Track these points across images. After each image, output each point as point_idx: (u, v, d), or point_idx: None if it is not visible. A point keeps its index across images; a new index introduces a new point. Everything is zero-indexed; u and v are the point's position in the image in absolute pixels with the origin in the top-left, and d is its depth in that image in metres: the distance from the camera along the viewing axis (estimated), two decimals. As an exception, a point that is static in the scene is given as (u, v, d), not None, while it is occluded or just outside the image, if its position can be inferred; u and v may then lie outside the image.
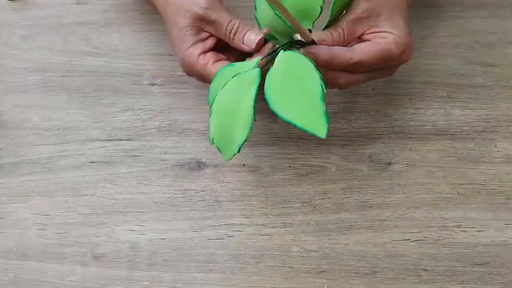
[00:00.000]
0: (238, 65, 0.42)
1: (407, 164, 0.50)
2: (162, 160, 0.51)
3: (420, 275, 0.44)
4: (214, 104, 0.41)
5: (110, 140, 0.52)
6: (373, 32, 0.43)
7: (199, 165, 0.50)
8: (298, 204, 0.48)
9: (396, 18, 0.43)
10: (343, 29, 0.43)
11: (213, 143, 0.42)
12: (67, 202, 0.48)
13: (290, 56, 0.39)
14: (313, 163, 0.50)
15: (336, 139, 0.51)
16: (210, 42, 0.45)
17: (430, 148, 0.51)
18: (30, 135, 0.53)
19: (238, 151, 0.40)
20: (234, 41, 0.43)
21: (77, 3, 0.63)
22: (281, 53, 0.40)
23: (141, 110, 0.54)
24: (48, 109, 0.54)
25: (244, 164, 0.50)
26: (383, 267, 0.44)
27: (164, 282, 0.44)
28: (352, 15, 0.43)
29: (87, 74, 0.57)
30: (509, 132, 0.52)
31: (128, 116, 0.54)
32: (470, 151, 0.51)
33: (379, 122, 0.53)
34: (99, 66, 0.57)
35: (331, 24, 0.44)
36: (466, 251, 0.45)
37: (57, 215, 0.48)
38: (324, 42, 0.42)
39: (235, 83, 0.40)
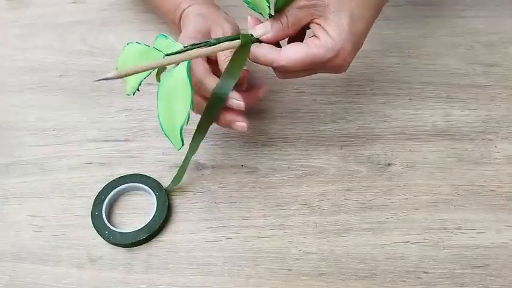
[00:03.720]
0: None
1: (406, 165, 0.49)
2: (159, 161, 0.50)
3: (420, 278, 0.44)
4: (159, 87, 0.41)
5: (107, 141, 0.52)
6: (318, 24, 0.41)
7: (197, 167, 0.50)
8: (297, 205, 0.47)
9: (342, 14, 0.40)
10: (286, 17, 0.42)
11: (162, 130, 0.41)
12: (63, 204, 0.48)
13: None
14: (312, 164, 0.50)
15: (335, 140, 0.51)
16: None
17: (429, 149, 0.50)
18: (26, 135, 0.52)
19: (182, 142, 0.40)
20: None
21: (73, 2, 0.62)
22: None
23: (139, 110, 0.53)
24: (45, 109, 0.54)
25: (242, 165, 0.50)
26: (382, 270, 0.44)
27: (161, 285, 0.43)
28: (299, 3, 0.41)
29: (83, 73, 0.56)
30: (509, 133, 0.51)
31: (125, 117, 0.53)
32: (470, 152, 0.50)
33: (379, 122, 0.52)
34: (96, 65, 0.57)
35: (277, 12, 0.42)
36: (466, 253, 0.45)
37: (53, 216, 0.47)
38: (264, 37, 0.42)
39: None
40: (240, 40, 0.41)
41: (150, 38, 0.58)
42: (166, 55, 0.40)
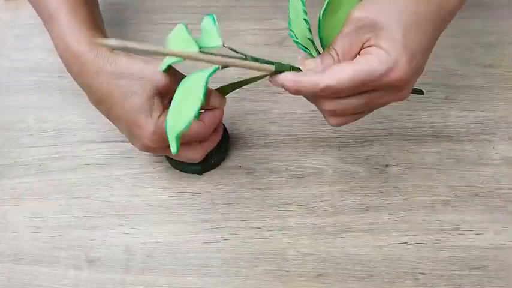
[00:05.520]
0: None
1: (404, 166, 0.49)
2: (157, 162, 0.50)
3: (417, 279, 0.44)
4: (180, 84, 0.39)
5: (105, 142, 0.51)
6: (369, 46, 0.37)
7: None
8: (295, 206, 0.47)
9: (393, 26, 0.36)
10: (335, 50, 0.38)
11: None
12: (61, 205, 0.48)
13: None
14: (310, 165, 0.50)
15: (333, 141, 0.51)
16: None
17: (427, 150, 0.50)
18: (24, 136, 0.52)
19: (177, 148, 0.37)
20: None
21: (71, 3, 0.62)
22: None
23: (137, 111, 0.53)
24: (43, 110, 0.54)
25: (240, 166, 0.49)
26: (380, 271, 0.44)
27: (158, 286, 0.43)
28: (345, 29, 0.37)
29: (81, 74, 0.56)
30: (507, 134, 0.51)
31: (123, 117, 0.53)
32: (468, 153, 0.50)
33: (377, 123, 0.52)
34: (94, 66, 0.57)
35: (326, 47, 0.40)
36: (464, 254, 0.45)
37: (50, 217, 0.47)
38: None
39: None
40: (274, 66, 0.38)
41: (149, 38, 0.59)
42: (200, 50, 0.37)
